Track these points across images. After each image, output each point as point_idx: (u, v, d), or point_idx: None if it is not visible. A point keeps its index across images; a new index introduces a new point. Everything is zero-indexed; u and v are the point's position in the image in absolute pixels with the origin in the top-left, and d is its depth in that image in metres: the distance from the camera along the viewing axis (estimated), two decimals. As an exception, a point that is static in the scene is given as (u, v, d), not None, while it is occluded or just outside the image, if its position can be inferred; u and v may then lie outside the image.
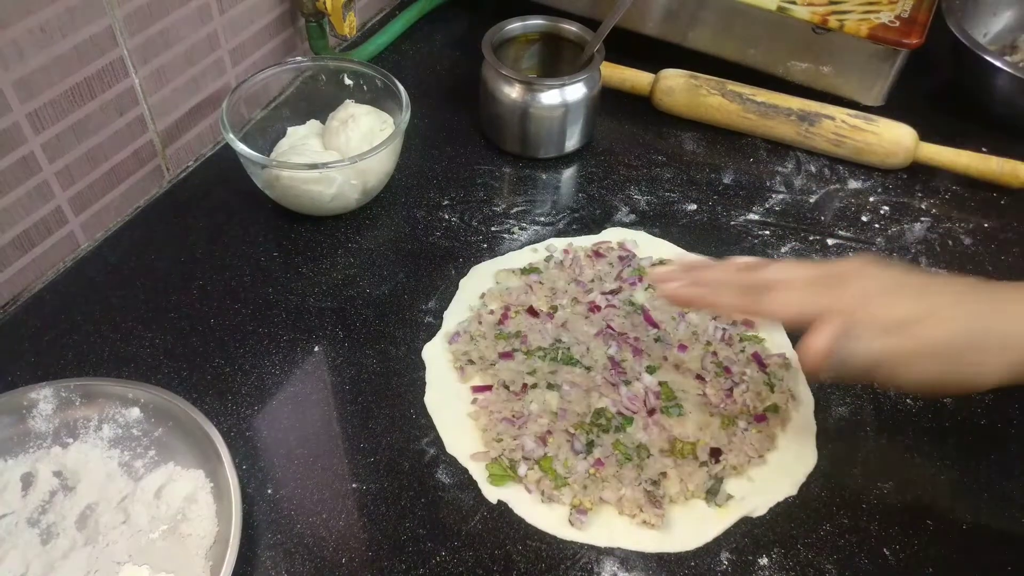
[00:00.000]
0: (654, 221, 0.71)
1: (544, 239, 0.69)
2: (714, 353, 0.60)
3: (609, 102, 0.80)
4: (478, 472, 0.54)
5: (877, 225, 0.72)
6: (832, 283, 0.46)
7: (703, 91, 0.78)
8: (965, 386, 0.45)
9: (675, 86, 0.79)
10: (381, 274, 0.66)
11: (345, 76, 0.73)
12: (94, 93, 0.62)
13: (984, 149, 0.77)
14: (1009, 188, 0.74)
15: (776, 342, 0.62)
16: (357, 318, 0.63)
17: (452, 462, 0.55)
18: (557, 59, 0.78)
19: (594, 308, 0.63)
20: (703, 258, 0.58)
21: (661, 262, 0.66)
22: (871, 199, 0.74)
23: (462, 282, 0.65)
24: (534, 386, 0.58)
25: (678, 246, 0.69)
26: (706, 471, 0.54)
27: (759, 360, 0.60)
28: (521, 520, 0.52)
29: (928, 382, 0.44)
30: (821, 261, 0.52)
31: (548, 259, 0.66)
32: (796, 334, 0.62)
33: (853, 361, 0.43)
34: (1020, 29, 0.88)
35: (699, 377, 0.59)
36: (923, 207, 0.73)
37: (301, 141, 0.70)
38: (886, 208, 0.73)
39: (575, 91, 0.72)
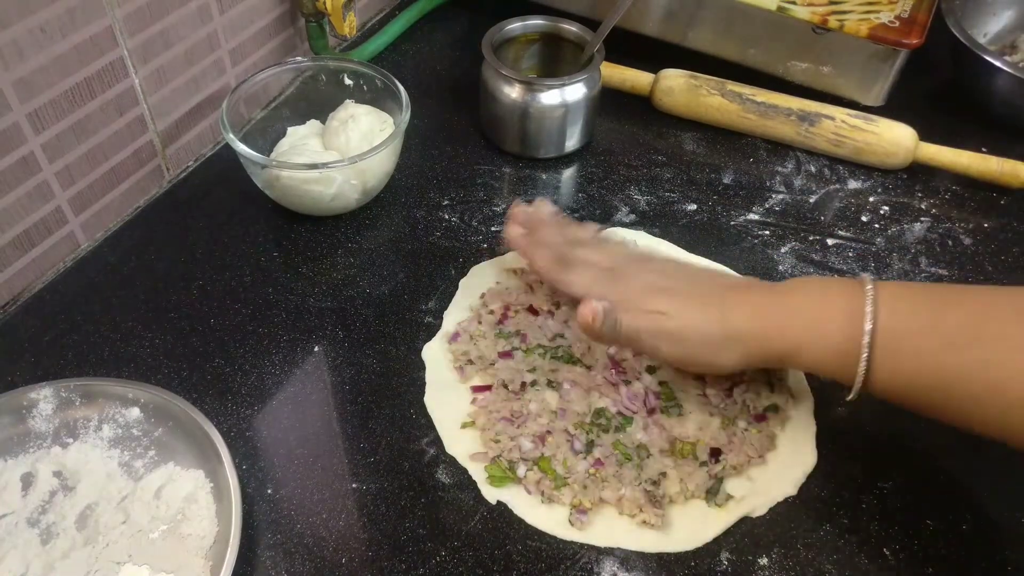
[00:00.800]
0: (654, 221, 0.71)
1: (544, 239, 0.69)
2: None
3: (609, 102, 0.80)
4: (477, 473, 0.54)
5: (877, 225, 0.72)
6: (615, 278, 0.57)
7: (703, 91, 0.78)
8: (708, 368, 0.56)
9: (675, 86, 0.79)
10: (381, 274, 0.66)
11: (345, 76, 0.73)
12: (94, 93, 0.62)
13: (984, 149, 0.77)
14: (1009, 188, 0.74)
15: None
16: (357, 318, 0.63)
17: (452, 462, 0.55)
18: (557, 59, 0.78)
19: (594, 308, 0.63)
20: (553, 211, 0.64)
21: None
22: (871, 199, 0.74)
23: (462, 282, 0.65)
24: (533, 384, 0.58)
25: (678, 246, 0.69)
26: (706, 471, 0.54)
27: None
28: (521, 520, 0.52)
29: (678, 359, 0.55)
30: (628, 250, 0.62)
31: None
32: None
33: (618, 328, 0.53)
34: (1020, 29, 0.88)
35: (699, 377, 0.59)
36: (923, 207, 0.73)
37: (301, 141, 0.70)
38: (886, 208, 0.73)
39: (575, 91, 0.72)
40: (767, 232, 0.71)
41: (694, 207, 0.73)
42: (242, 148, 0.64)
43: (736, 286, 0.56)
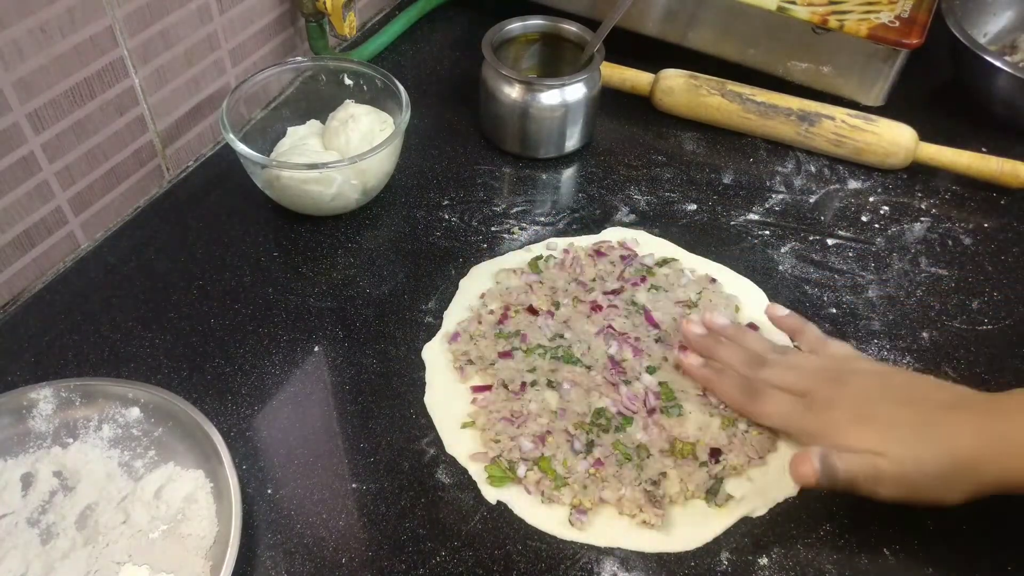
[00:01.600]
0: (654, 221, 0.71)
1: (544, 239, 0.69)
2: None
3: (609, 102, 0.80)
4: (477, 473, 0.54)
5: (877, 225, 0.72)
6: (812, 406, 0.52)
7: (703, 91, 0.78)
8: (933, 504, 0.49)
9: (675, 86, 0.79)
10: (381, 274, 0.66)
11: (345, 76, 0.73)
12: (94, 93, 0.62)
13: (984, 149, 0.77)
14: (1009, 188, 0.74)
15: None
16: (357, 318, 0.63)
17: (452, 462, 0.55)
18: (557, 59, 0.78)
19: (595, 308, 0.63)
20: (726, 322, 0.60)
21: (665, 261, 0.66)
22: (871, 199, 0.74)
23: (462, 282, 0.65)
24: (533, 384, 0.58)
25: (678, 246, 0.69)
26: (706, 471, 0.54)
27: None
28: (521, 520, 0.52)
29: (901, 499, 0.49)
30: (819, 361, 0.55)
31: (548, 259, 0.66)
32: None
33: (836, 477, 0.49)
34: (1020, 29, 0.88)
35: (699, 377, 0.59)
36: (923, 207, 0.73)
37: (301, 141, 0.70)
38: (886, 208, 0.73)
39: (575, 91, 0.72)
40: (767, 232, 0.71)
41: (694, 207, 0.73)
42: (242, 148, 0.64)
43: (953, 404, 0.50)
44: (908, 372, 0.58)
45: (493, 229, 0.70)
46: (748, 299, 0.65)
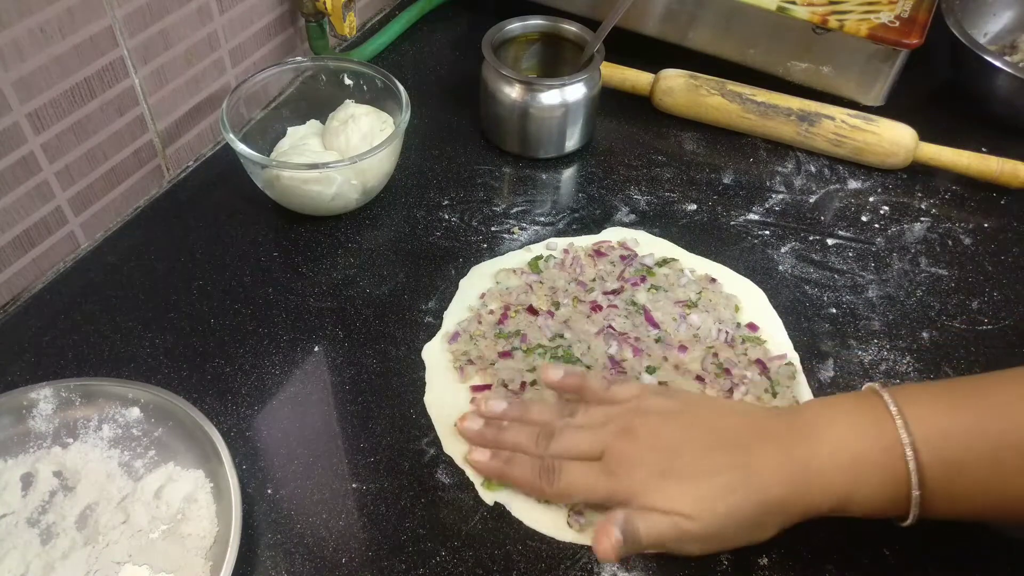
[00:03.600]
0: (654, 221, 0.71)
1: (544, 239, 0.69)
2: (715, 354, 0.60)
3: (609, 102, 0.80)
4: (474, 474, 0.54)
5: (877, 225, 0.72)
6: (610, 467, 0.49)
7: (703, 91, 0.78)
8: (743, 545, 0.49)
9: (675, 86, 0.79)
10: (381, 274, 0.66)
11: (345, 76, 0.73)
12: (94, 93, 0.62)
13: (984, 149, 0.77)
14: (1009, 188, 0.74)
15: (778, 341, 0.62)
16: (357, 318, 0.63)
17: (452, 462, 0.55)
18: (557, 59, 0.78)
19: (595, 308, 0.63)
20: (503, 406, 0.55)
21: (665, 261, 0.66)
22: (871, 199, 0.74)
23: (462, 282, 0.65)
24: (534, 383, 0.58)
25: (678, 246, 0.69)
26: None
27: (762, 365, 0.60)
28: (520, 520, 0.52)
29: (710, 553, 0.49)
30: (607, 412, 0.51)
31: (548, 259, 0.66)
32: (798, 338, 0.62)
33: (640, 543, 0.47)
34: (1020, 29, 0.88)
35: (699, 378, 0.59)
36: (923, 207, 0.73)
37: (301, 141, 0.70)
38: (886, 208, 0.73)
39: (575, 91, 0.72)
40: (767, 232, 0.71)
41: (694, 207, 0.73)
42: (242, 148, 0.64)
43: (754, 436, 0.48)
44: (702, 403, 0.53)
45: (493, 229, 0.70)
46: (748, 299, 0.65)
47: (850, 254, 0.69)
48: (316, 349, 0.61)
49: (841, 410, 0.48)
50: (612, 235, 0.69)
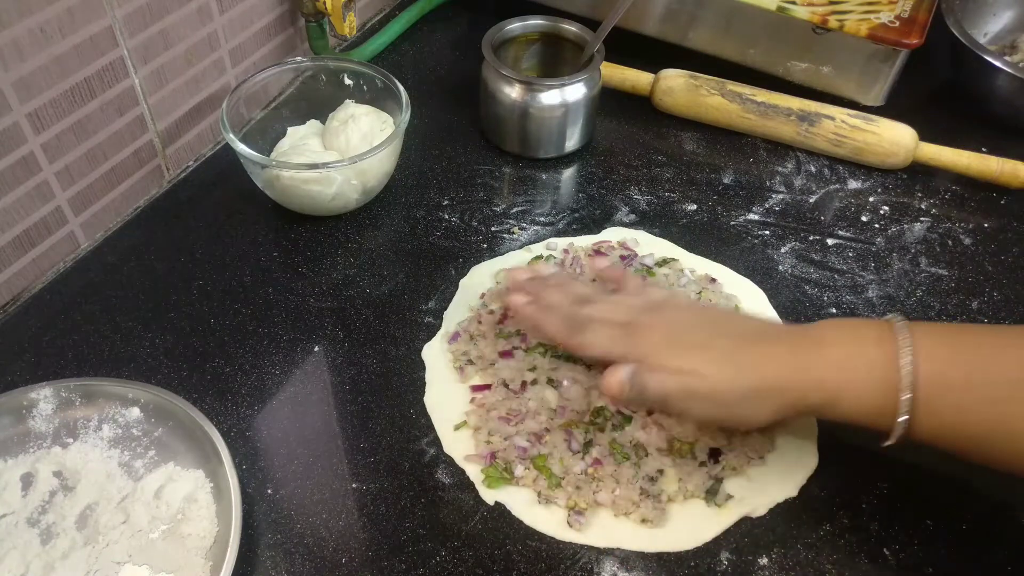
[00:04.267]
0: (654, 221, 0.71)
1: (544, 239, 0.69)
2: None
3: (609, 102, 0.80)
4: (474, 474, 0.54)
5: (877, 225, 0.72)
6: (632, 333, 0.53)
7: (703, 91, 0.78)
8: (739, 423, 0.53)
9: (675, 86, 0.79)
10: (381, 274, 0.66)
11: (345, 76, 0.73)
12: (94, 93, 0.62)
13: (984, 149, 0.77)
14: (1009, 188, 0.74)
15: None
16: (357, 318, 0.63)
17: (452, 462, 0.55)
18: (557, 59, 0.78)
19: (594, 308, 0.63)
20: (553, 270, 0.63)
21: (665, 261, 0.66)
22: (871, 199, 0.74)
23: (462, 282, 0.65)
24: (534, 383, 0.58)
25: (678, 245, 0.69)
26: (705, 471, 0.54)
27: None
28: (520, 520, 0.52)
29: (709, 417, 0.52)
30: (640, 299, 0.56)
31: (548, 259, 0.66)
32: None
33: (646, 393, 0.51)
34: (1020, 29, 0.88)
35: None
36: (923, 207, 0.73)
37: (301, 141, 0.70)
38: (886, 208, 0.73)
39: (575, 91, 0.72)
40: (767, 232, 0.71)
41: (694, 207, 0.73)
42: (242, 148, 0.64)
43: (764, 334, 0.53)
44: (723, 309, 0.62)
45: (493, 229, 0.70)
46: (748, 299, 0.65)
47: (850, 254, 0.69)
48: (316, 349, 0.61)
49: (852, 329, 0.51)
50: (612, 235, 0.69)
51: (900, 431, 0.47)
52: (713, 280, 0.66)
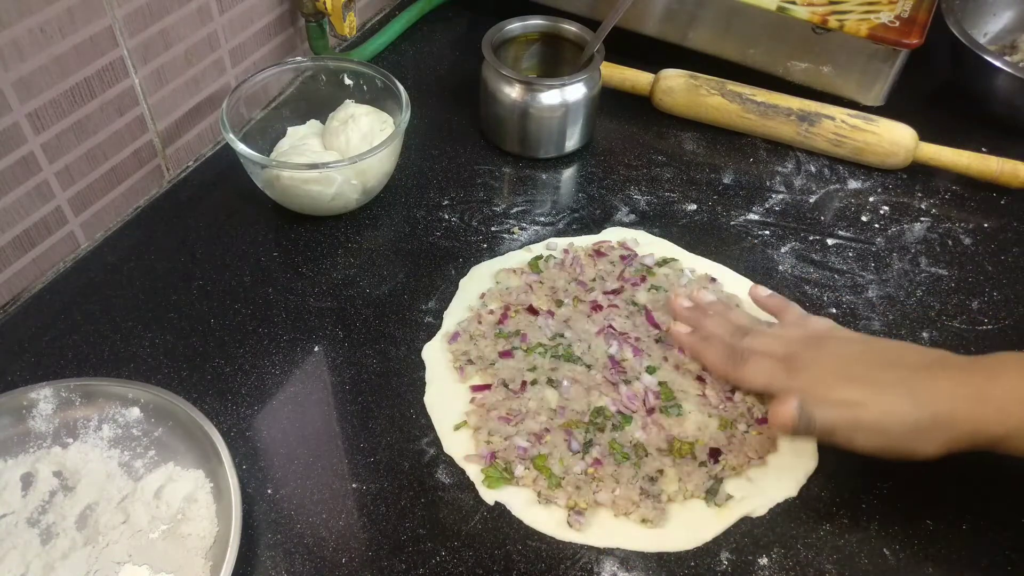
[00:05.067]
0: (654, 221, 0.71)
1: (544, 239, 0.69)
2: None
3: (609, 102, 0.80)
4: (474, 474, 0.54)
5: (877, 225, 0.72)
6: (794, 367, 0.53)
7: (703, 91, 0.78)
8: (907, 457, 0.51)
9: (675, 86, 0.79)
10: (381, 274, 0.66)
11: (345, 76, 0.73)
12: (94, 93, 0.62)
13: (984, 149, 0.77)
14: (1009, 188, 0.74)
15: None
16: (357, 318, 0.63)
17: (451, 462, 0.55)
18: (557, 59, 0.78)
19: (596, 307, 0.63)
20: (713, 299, 0.62)
21: (665, 261, 0.66)
22: (871, 199, 0.74)
23: (462, 282, 0.65)
24: (534, 383, 0.58)
25: (678, 245, 0.69)
26: (705, 471, 0.54)
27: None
28: (520, 520, 0.52)
29: (876, 450, 0.51)
30: (800, 331, 0.57)
31: (548, 259, 0.66)
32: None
33: (814, 425, 0.51)
34: (1020, 29, 0.88)
35: (699, 378, 0.59)
36: (923, 207, 0.73)
37: (301, 141, 0.70)
38: (886, 208, 0.73)
39: (575, 91, 0.72)
40: (767, 232, 0.71)
41: (694, 207, 0.73)
42: (242, 148, 0.64)
43: (935, 364, 0.51)
44: (888, 340, 0.61)
45: (493, 229, 0.70)
46: (749, 299, 0.65)
47: (850, 254, 0.69)
48: (316, 349, 0.61)
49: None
50: (612, 235, 0.69)
51: None
52: (713, 279, 0.66)
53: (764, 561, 0.51)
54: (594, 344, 0.60)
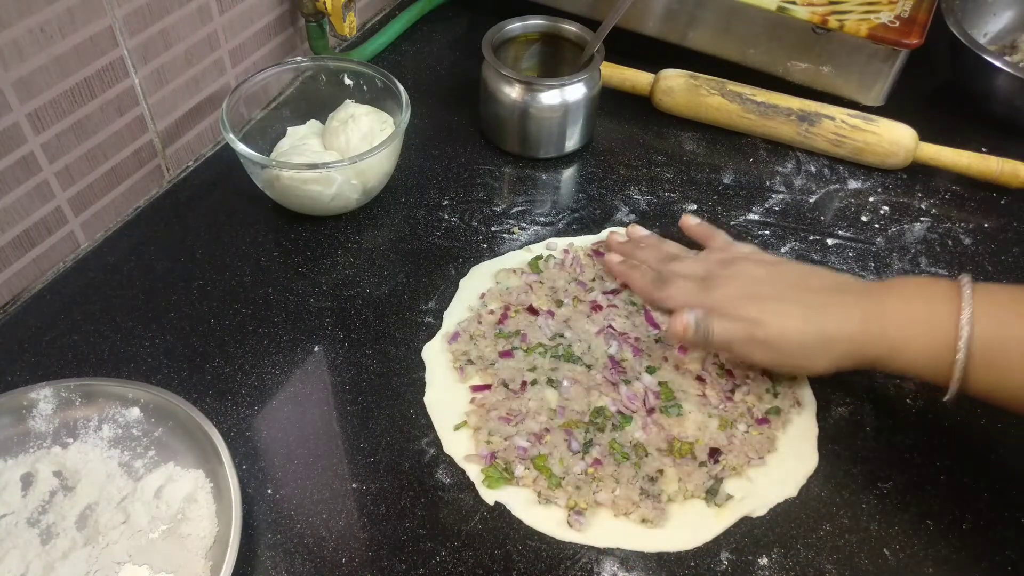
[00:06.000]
0: (654, 221, 0.71)
1: (544, 239, 0.69)
2: (715, 355, 0.60)
3: (609, 102, 0.80)
4: (474, 474, 0.54)
5: (877, 225, 0.72)
6: (709, 287, 0.58)
7: (703, 91, 0.78)
8: (799, 370, 0.57)
9: (675, 86, 0.79)
10: (381, 274, 0.66)
11: (345, 76, 0.73)
12: (94, 93, 0.62)
13: (984, 149, 0.77)
14: (1009, 188, 0.74)
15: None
16: (357, 318, 0.63)
17: (451, 462, 0.55)
18: (557, 59, 0.78)
19: (595, 307, 0.63)
20: (647, 233, 0.67)
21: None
22: (871, 199, 0.74)
23: (462, 282, 0.65)
24: (534, 383, 0.58)
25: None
26: (705, 471, 0.54)
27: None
28: (520, 520, 0.52)
29: (770, 363, 0.55)
30: (722, 254, 0.62)
31: (548, 259, 0.66)
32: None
33: (711, 338, 0.55)
34: (1020, 29, 0.88)
35: (699, 379, 0.59)
36: (923, 207, 0.73)
37: (301, 141, 0.70)
38: (886, 208, 0.73)
39: (575, 91, 0.72)
40: (767, 232, 0.71)
41: (694, 207, 0.73)
42: (242, 148, 0.64)
43: (835, 288, 0.55)
44: (802, 264, 0.63)
45: (493, 229, 0.70)
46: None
47: (850, 254, 0.69)
48: (316, 349, 0.61)
49: (917, 285, 0.53)
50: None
51: (955, 387, 0.49)
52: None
53: (764, 561, 0.51)
54: (594, 344, 0.60)
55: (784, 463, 0.55)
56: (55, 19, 0.57)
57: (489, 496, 0.53)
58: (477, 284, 0.65)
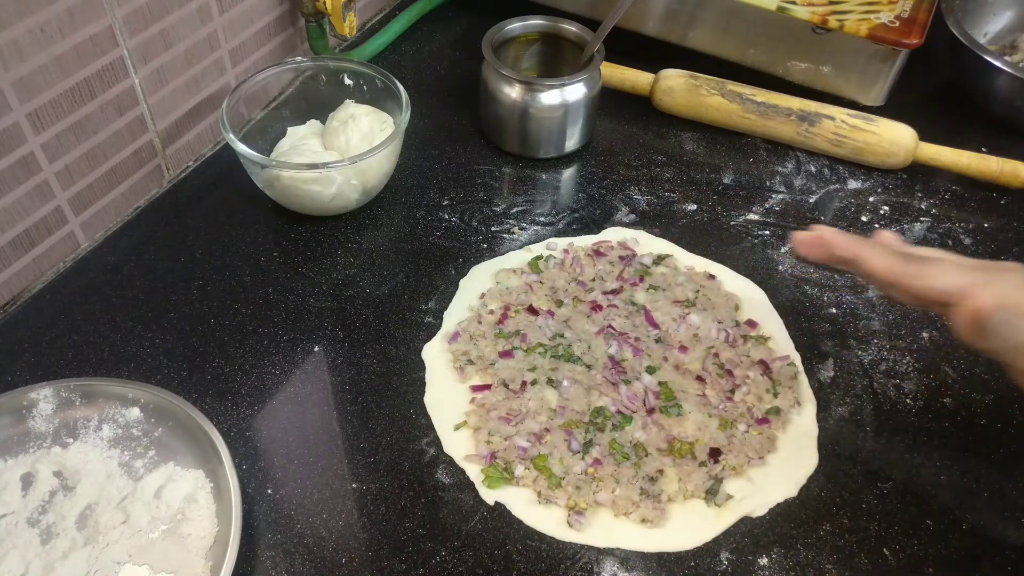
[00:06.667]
0: (654, 221, 0.71)
1: (544, 239, 0.69)
2: (715, 355, 0.60)
3: (609, 102, 0.80)
4: (474, 473, 0.54)
5: (877, 225, 0.72)
6: (986, 272, 0.47)
7: (703, 91, 0.78)
8: None
9: (675, 86, 0.79)
10: (381, 274, 0.66)
11: (345, 76, 0.73)
12: (94, 93, 0.62)
13: (984, 149, 0.77)
14: (1009, 188, 0.74)
15: (779, 341, 0.62)
16: (357, 318, 0.63)
17: (451, 462, 0.55)
18: (557, 59, 0.78)
19: (595, 307, 0.63)
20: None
21: (660, 259, 0.66)
22: (871, 199, 0.74)
23: (462, 282, 0.65)
24: (534, 383, 0.58)
25: (678, 246, 0.69)
26: (705, 471, 0.54)
27: (765, 365, 0.60)
28: (520, 520, 0.52)
29: None
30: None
31: (548, 259, 0.66)
32: (799, 338, 0.62)
33: (1009, 336, 0.44)
34: (1020, 29, 0.88)
35: (699, 378, 0.59)
36: (923, 207, 0.73)
37: (301, 141, 0.70)
38: (886, 208, 0.73)
39: (575, 91, 0.72)
40: (767, 232, 0.71)
41: (694, 207, 0.73)
42: (242, 148, 0.64)
43: None
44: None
45: (493, 229, 0.70)
46: (748, 299, 0.65)
47: (850, 254, 0.69)
48: (316, 349, 0.61)
49: None
50: (612, 235, 0.69)
51: None
52: (712, 277, 0.66)
53: (764, 561, 0.51)
54: (594, 344, 0.60)
55: (784, 463, 0.55)
56: (55, 19, 0.57)
57: (489, 496, 0.53)
58: (477, 284, 0.65)
